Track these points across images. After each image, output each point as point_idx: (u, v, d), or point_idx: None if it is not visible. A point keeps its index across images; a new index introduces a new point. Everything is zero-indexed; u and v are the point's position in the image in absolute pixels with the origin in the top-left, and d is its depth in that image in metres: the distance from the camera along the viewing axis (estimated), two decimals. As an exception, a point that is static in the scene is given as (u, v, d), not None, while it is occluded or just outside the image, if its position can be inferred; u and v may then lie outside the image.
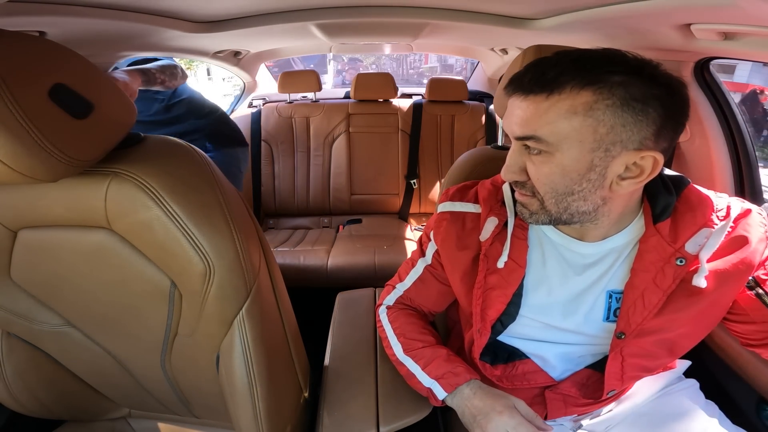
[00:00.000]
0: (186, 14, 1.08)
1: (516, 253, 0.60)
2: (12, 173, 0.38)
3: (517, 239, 0.60)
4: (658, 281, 0.54)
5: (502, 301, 0.61)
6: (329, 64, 19.08)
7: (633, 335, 0.56)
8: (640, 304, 0.55)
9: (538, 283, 0.61)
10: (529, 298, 0.61)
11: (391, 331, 0.72)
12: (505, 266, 0.60)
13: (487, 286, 0.61)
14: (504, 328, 0.63)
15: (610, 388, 0.62)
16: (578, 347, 0.64)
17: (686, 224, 0.53)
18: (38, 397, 0.75)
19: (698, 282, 0.51)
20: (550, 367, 0.66)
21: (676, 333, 0.57)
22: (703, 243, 0.52)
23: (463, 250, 0.64)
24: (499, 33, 1.37)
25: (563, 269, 0.59)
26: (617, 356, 0.59)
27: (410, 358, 0.68)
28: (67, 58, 0.43)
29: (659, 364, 0.62)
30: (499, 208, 0.62)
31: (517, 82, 0.48)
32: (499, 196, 0.64)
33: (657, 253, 0.53)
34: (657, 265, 0.54)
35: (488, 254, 0.61)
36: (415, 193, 2.07)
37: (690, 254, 0.52)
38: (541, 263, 0.61)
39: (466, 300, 0.65)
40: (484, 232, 0.62)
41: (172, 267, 0.51)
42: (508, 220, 0.61)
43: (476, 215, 0.64)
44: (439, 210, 0.68)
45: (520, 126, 0.48)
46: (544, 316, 0.62)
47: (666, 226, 0.53)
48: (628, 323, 0.56)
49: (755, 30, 0.66)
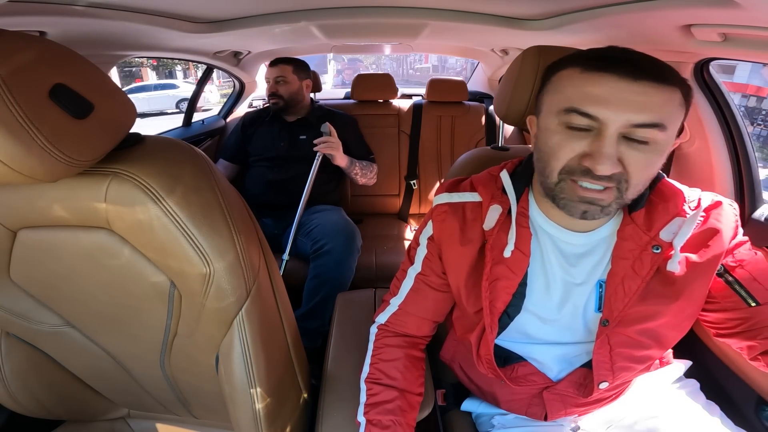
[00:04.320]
0: (186, 15, 1.09)
1: (521, 242, 0.59)
2: (12, 173, 0.37)
3: (521, 227, 0.59)
4: (637, 268, 0.55)
5: (508, 291, 0.60)
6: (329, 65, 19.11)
7: (616, 322, 0.57)
8: (621, 290, 0.56)
9: (540, 272, 0.61)
10: (533, 287, 0.61)
11: (370, 354, 0.72)
12: (511, 255, 0.59)
13: (494, 277, 0.60)
14: (510, 320, 0.62)
15: (600, 378, 0.61)
16: (573, 347, 0.64)
17: (660, 214, 0.56)
18: (37, 397, 0.75)
19: (673, 267, 0.54)
20: (546, 369, 0.66)
21: (658, 322, 0.58)
22: (676, 231, 0.54)
23: (467, 245, 0.62)
24: (499, 33, 1.37)
25: (559, 259, 0.60)
26: (604, 344, 0.59)
27: (365, 388, 0.68)
28: (67, 58, 0.43)
29: (648, 356, 0.62)
30: (501, 196, 0.61)
31: (629, 65, 0.45)
32: (498, 184, 0.62)
33: (633, 241, 0.56)
34: (634, 252, 0.56)
35: (494, 244, 0.60)
36: (415, 194, 2.07)
37: (665, 242, 0.55)
38: (540, 253, 0.61)
39: (471, 298, 0.64)
40: (488, 221, 0.60)
41: (172, 267, 0.51)
42: (512, 207, 0.60)
43: (476, 204, 0.63)
44: (437, 202, 0.66)
45: (644, 112, 0.45)
46: (543, 308, 0.62)
47: (641, 216, 0.56)
48: (610, 310, 0.57)
49: (755, 31, 0.66)
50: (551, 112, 0.51)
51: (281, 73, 1.66)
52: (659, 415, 0.66)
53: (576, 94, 0.48)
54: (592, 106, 0.46)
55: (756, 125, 7.30)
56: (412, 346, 0.73)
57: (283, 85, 1.67)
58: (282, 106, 1.69)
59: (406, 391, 0.68)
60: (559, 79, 0.51)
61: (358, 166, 1.69)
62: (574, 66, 0.50)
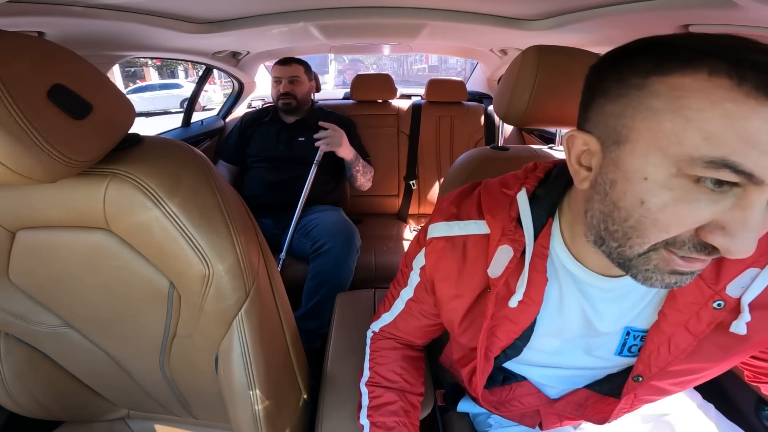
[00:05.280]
0: (185, 15, 1.09)
1: (533, 290, 0.48)
2: (10, 174, 0.37)
3: (535, 272, 0.48)
4: (691, 326, 0.45)
5: (510, 337, 0.52)
6: (330, 65, 19.18)
7: (651, 378, 0.49)
8: (665, 349, 0.47)
9: (555, 317, 0.51)
10: (541, 330, 0.52)
11: (367, 358, 0.71)
12: (518, 305, 0.49)
13: (494, 324, 0.52)
14: (507, 359, 0.56)
15: (615, 417, 0.56)
16: (581, 371, 0.58)
17: (731, 263, 0.43)
18: (36, 398, 0.75)
19: (738, 329, 0.43)
20: (547, 387, 0.62)
21: (700, 375, 0.50)
22: (747, 285, 0.43)
23: (463, 292, 0.52)
24: (497, 34, 1.38)
25: (581, 304, 0.49)
26: (629, 398, 0.52)
27: (366, 391, 0.67)
28: (66, 59, 0.43)
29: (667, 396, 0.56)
30: (514, 231, 0.47)
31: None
32: (513, 212, 0.48)
33: (693, 296, 0.44)
34: (692, 309, 0.45)
35: (500, 293, 0.49)
36: (414, 194, 2.07)
37: (731, 298, 0.43)
38: (558, 299, 0.50)
39: (465, 336, 0.56)
40: (495, 266, 0.48)
41: (171, 268, 0.51)
42: (526, 248, 0.47)
43: (481, 238, 0.50)
44: (432, 235, 0.53)
45: None
46: (551, 346, 0.54)
47: (708, 266, 0.43)
48: (648, 367, 0.48)
49: (754, 31, 0.66)
50: (661, 151, 0.31)
51: (296, 73, 1.65)
52: (657, 415, 0.66)
53: (734, 133, 0.28)
54: (763, 158, 0.28)
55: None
56: (407, 347, 0.73)
57: (297, 84, 1.65)
58: (294, 107, 1.68)
59: (407, 392, 0.68)
60: (675, 92, 0.30)
61: (361, 163, 1.69)
62: (714, 73, 0.29)
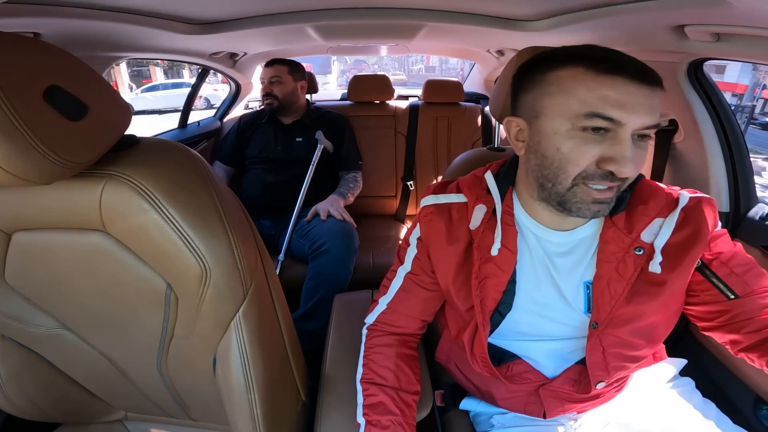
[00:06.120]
0: (182, 16, 1.08)
1: (507, 240, 0.60)
2: (6, 175, 0.37)
3: (507, 225, 0.60)
4: (621, 270, 0.57)
5: (498, 289, 0.61)
6: (333, 65, 19.20)
7: (605, 324, 0.58)
8: (607, 293, 0.57)
9: (529, 268, 0.62)
10: (523, 284, 0.62)
11: (361, 355, 0.73)
12: (498, 253, 0.60)
13: (483, 275, 0.61)
14: (502, 318, 0.63)
15: (596, 379, 0.62)
16: (567, 342, 0.64)
17: (640, 215, 0.57)
18: (34, 400, 0.74)
19: (654, 268, 0.55)
20: (542, 366, 0.66)
21: (647, 321, 0.59)
22: (657, 232, 0.56)
23: (453, 244, 0.63)
24: (494, 34, 1.38)
25: (543, 257, 0.61)
26: (596, 345, 0.60)
27: (361, 388, 0.69)
28: (61, 60, 0.43)
29: (641, 354, 0.63)
30: (486, 196, 0.63)
31: (633, 68, 0.46)
32: (483, 185, 0.64)
33: (616, 244, 0.57)
34: (617, 255, 0.57)
35: (481, 243, 0.61)
36: (412, 195, 2.07)
37: (647, 243, 0.56)
38: (527, 250, 0.61)
39: (460, 295, 0.65)
40: (474, 220, 0.62)
41: (168, 269, 0.51)
42: (496, 206, 0.61)
43: (462, 205, 0.64)
44: (424, 204, 0.67)
45: (652, 115, 0.47)
46: (534, 304, 0.62)
47: (621, 219, 0.57)
48: (599, 312, 0.58)
49: (746, 30, 0.67)
50: (560, 116, 0.49)
51: (276, 73, 1.67)
52: (656, 414, 0.67)
53: (594, 97, 0.47)
54: (615, 110, 0.46)
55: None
56: (402, 344, 0.73)
57: (277, 85, 1.68)
58: (276, 107, 1.70)
59: (400, 390, 0.68)
60: (560, 80, 0.50)
61: (350, 194, 1.72)
62: (575, 66, 0.49)
